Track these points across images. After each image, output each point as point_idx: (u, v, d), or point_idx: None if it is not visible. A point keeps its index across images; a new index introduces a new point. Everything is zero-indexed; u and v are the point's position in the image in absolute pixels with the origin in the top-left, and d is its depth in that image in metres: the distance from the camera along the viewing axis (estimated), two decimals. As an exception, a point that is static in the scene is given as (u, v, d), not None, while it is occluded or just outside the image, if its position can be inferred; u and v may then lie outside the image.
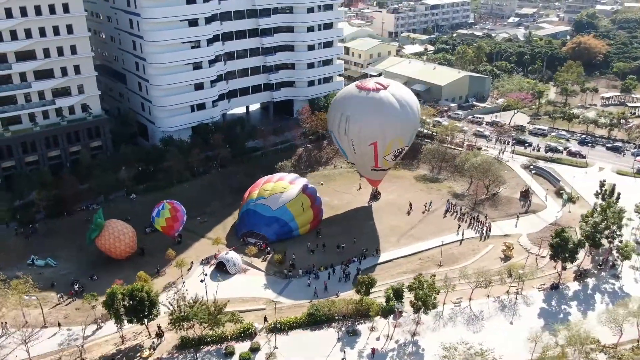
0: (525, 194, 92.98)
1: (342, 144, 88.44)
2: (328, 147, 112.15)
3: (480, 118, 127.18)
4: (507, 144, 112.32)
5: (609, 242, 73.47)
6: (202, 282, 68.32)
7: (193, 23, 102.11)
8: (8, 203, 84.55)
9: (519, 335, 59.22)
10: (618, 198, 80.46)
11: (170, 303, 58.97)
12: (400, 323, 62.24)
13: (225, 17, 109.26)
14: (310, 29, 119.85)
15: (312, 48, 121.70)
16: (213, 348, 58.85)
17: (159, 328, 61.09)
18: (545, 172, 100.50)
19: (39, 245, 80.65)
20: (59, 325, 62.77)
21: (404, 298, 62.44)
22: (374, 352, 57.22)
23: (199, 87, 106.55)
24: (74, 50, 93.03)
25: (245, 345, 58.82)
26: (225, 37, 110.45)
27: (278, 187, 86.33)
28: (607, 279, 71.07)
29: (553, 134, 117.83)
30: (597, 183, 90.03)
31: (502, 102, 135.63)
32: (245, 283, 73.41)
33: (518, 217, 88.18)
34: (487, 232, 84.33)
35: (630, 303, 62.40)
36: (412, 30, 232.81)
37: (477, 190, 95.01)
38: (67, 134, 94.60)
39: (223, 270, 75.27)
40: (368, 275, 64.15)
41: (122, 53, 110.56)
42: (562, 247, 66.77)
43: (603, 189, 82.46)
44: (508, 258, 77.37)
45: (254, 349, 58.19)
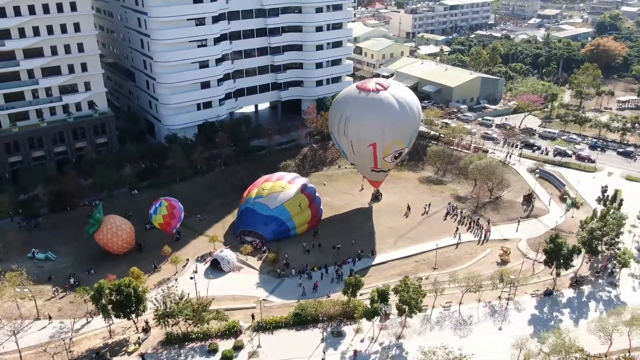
0: (529, 198, 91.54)
1: (341, 145, 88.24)
2: (333, 147, 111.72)
3: (490, 120, 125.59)
4: (514, 147, 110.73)
5: (606, 249, 71.86)
6: (191, 279, 68.88)
7: (200, 22, 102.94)
8: (13, 197, 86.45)
9: (506, 342, 58.28)
10: (620, 204, 78.69)
11: (156, 299, 59.51)
12: (387, 325, 61.84)
13: (233, 16, 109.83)
14: (319, 29, 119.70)
15: (320, 48, 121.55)
16: (197, 345, 59.31)
17: (147, 323, 61.79)
18: (551, 176, 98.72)
19: (41, 239, 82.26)
20: (50, 318, 63.92)
21: (393, 300, 61.97)
22: (356, 354, 56.97)
23: (206, 85, 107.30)
24: (81, 48, 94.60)
25: (229, 343, 59.10)
26: (233, 36, 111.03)
27: (276, 186, 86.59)
28: (604, 287, 69.52)
29: (563, 138, 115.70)
30: (603, 187, 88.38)
31: (513, 104, 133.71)
32: (238, 281, 73.83)
33: (519, 221, 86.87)
34: (486, 236, 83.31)
35: (624, 312, 61.10)
36: (430, 31, 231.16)
37: (479, 194, 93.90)
38: (73, 130, 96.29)
39: (218, 268, 75.83)
40: (355, 277, 63.82)
41: (131, 51, 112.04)
42: (555, 252, 65.51)
43: (605, 195, 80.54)
44: (505, 263, 76.37)
45: (237, 347, 58.46)
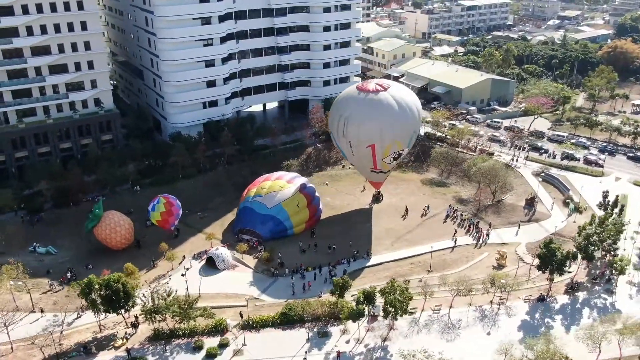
0: (531, 202, 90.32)
1: (341, 146, 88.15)
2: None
3: (499, 122, 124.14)
4: (521, 150, 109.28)
5: (603, 255, 70.52)
6: (182, 276, 69.49)
7: (206, 21, 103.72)
8: (18, 192, 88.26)
9: (493, 347, 57.47)
10: (622, 209, 77.12)
11: (144, 295, 60.19)
12: (374, 327, 61.59)
13: (240, 15, 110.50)
14: (327, 29, 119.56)
15: (328, 48, 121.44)
16: (183, 341, 59.81)
17: (136, 319, 62.51)
18: (556, 180, 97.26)
19: (43, 234, 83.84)
20: (42, 311, 65.08)
21: (381, 302, 61.73)
22: (339, 355, 56.86)
23: (211, 84, 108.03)
24: (88, 47, 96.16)
25: (215, 341, 59.50)
26: (240, 35, 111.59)
27: (275, 185, 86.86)
28: (599, 294, 68.21)
29: (572, 141, 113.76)
30: (610, 193, 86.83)
31: (523, 106, 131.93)
32: (232, 279, 74.23)
33: (520, 225, 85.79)
34: (484, 239, 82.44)
35: (618, 320, 59.92)
36: (447, 32, 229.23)
37: (481, 197, 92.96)
38: (78, 127, 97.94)
39: (213, 266, 76.30)
40: (343, 278, 63.70)
41: (140, 49, 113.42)
42: (548, 258, 64.49)
43: (606, 200, 79.01)
44: (501, 267, 75.49)
45: (223, 345, 58.81)
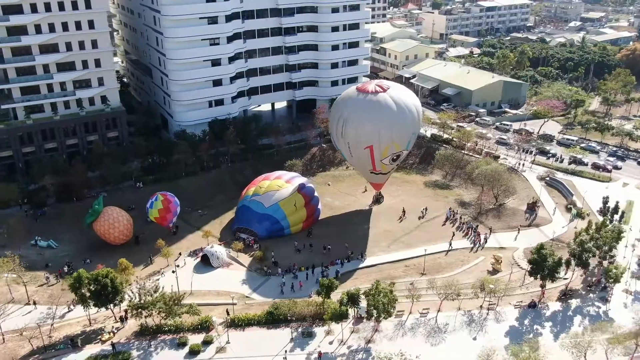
0: (532, 207, 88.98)
1: (340, 147, 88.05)
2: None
3: (508, 125, 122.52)
4: (528, 153, 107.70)
5: (598, 262, 69.13)
6: (173, 272, 70.27)
7: (212, 21, 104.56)
8: (23, 186, 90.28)
9: (476, 352, 56.95)
10: (622, 216, 75.48)
11: (132, 291, 61.05)
12: (359, 329, 61.46)
13: (248, 15, 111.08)
14: (335, 29, 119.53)
15: (336, 48, 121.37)
16: (169, 337, 60.49)
17: (126, 313, 63.42)
18: (560, 184, 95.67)
19: (46, 228, 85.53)
20: (34, 304, 66.49)
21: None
22: (320, 355, 56.85)
23: (218, 83, 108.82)
24: (95, 45, 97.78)
25: (199, 338, 60.04)
26: (248, 35, 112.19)
27: (273, 185, 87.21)
28: (593, 302, 66.87)
29: (582, 145, 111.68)
30: (615, 199, 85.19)
31: (535, 109, 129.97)
32: (225, 277, 74.74)
33: (519, 230, 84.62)
34: (481, 243, 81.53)
35: (608, 328, 58.74)
36: (465, 33, 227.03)
37: (481, 200, 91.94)
38: (85, 124, 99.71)
39: (208, 263, 76.92)
40: (329, 279, 63.70)
41: (149, 48, 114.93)
42: (539, 263, 63.48)
43: (606, 206, 77.45)
44: (496, 272, 74.61)
45: (207, 342, 59.31)
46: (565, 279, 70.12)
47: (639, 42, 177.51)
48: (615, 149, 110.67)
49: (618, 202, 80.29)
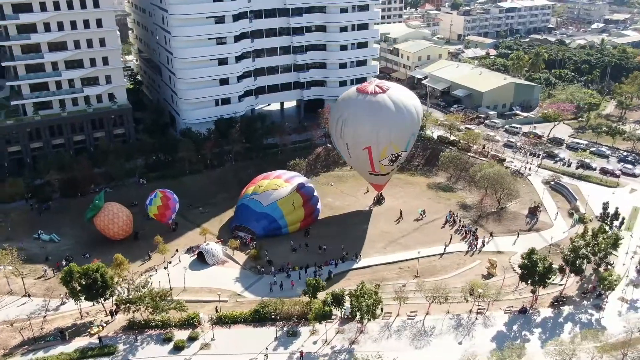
0: (534, 211, 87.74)
1: (339, 147, 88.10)
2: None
3: (517, 128, 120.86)
4: (535, 157, 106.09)
5: (594, 269, 67.82)
6: (165, 268, 71.13)
7: (220, 20, 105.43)
8: (30, 181, 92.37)
9: (460, 356, 56.46)
10: (622, 222, 73.92)
11: (121, 286, 62.00)
12: (344, 329, 61.41)
13: (256, 15, 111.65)
14: (344, 29, 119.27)
15: (344, 48, 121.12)
16: (155, 332, 61.20)
17: (116, 307, 64.42)
18: (565, 189, 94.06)
19: (49, 222, 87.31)
20: (29, 296, 68.02)
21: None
22: (302, 355, 56.97)
23: (224, 82, 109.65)
24: (103, 43, 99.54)
25: (185, 334, 60.66)
26: (255, 34, 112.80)
27: (272, 184, 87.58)
28: (587, 309, 65.62)
29: (591, 150, 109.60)
30: (622, 204, 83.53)
31: (542, 112, 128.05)
32: (220, 274, 75.28)
33: (519, 234, 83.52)
34: (478, 247, 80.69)
35: (599, 337, 57.70)
36: (483, 34, 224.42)
37: (482, 203, 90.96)
38: (92, 121, 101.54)
39: (204, 261, 77.65)
40: (316, 279, 63.76)
41: (158, 47, 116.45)
42: (529, 269, 62.56)
43: (606, 211, 75.93)
44: (491, 276, 73.82)
45: (192, 338, 59.86)
46: (561, 285, 69.03)
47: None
48: (626, 154, 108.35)
49: (618, 208, 78.63)
